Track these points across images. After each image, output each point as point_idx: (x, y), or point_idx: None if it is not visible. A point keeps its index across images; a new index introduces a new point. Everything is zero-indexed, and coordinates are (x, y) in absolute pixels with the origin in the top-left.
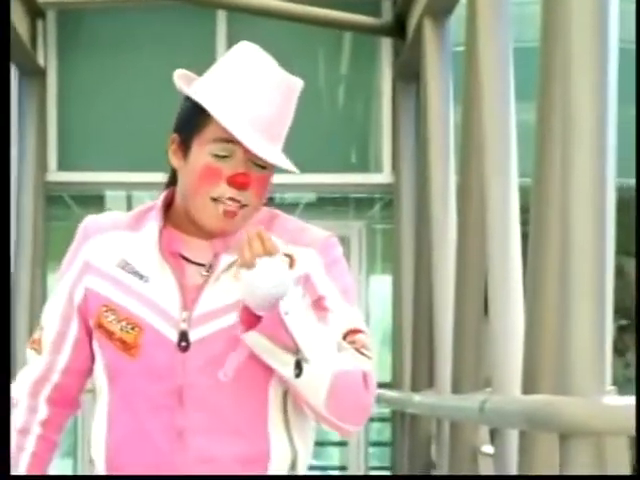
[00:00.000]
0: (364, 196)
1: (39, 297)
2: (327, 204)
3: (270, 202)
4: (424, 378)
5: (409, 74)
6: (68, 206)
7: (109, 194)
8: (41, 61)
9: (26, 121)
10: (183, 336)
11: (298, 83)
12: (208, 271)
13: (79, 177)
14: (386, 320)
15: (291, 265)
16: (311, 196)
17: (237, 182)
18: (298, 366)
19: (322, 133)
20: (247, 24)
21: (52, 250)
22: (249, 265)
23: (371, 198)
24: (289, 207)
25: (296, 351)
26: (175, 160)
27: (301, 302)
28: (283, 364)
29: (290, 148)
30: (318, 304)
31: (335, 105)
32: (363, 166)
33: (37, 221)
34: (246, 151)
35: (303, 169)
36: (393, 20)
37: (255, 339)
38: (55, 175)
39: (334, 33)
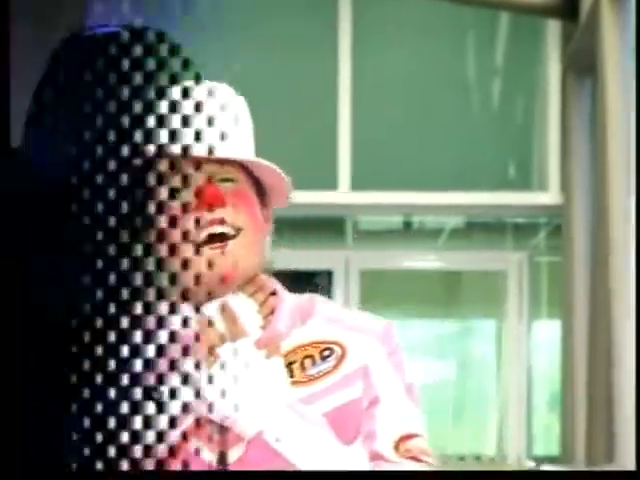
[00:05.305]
0: (525, 221)
1: None
2: (478, 230)
3: (408, 228)
4: (602, 451)
5: (583, 66)
6: None
7: None
8: None
9: None
10: None
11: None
12: None
13: None
14: (554, 378)
15: (342, 356)
16: (458, 220)
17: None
18: None
19: (471, 141)
20: (376, 2)
21: None
22: None
23: (534, 223)
24: (430, 234)
25: None
26: None
27: None
28: None
29: (432, 160)
30: (369, 409)
31: (488, 106)
32: (524, 183)
33: None
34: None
35: (448, 186)
36: None
37: None
38: None
39: (486, 14)
